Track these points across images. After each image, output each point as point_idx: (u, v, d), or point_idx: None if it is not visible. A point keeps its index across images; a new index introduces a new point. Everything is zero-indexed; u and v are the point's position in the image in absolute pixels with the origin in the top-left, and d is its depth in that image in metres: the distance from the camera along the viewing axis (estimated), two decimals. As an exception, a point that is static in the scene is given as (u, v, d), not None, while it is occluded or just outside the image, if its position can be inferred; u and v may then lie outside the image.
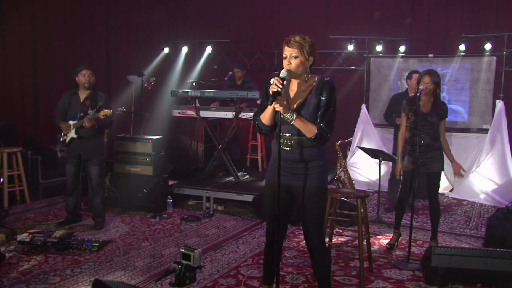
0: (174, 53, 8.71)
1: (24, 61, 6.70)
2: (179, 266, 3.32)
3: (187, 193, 5.70)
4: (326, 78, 2.69)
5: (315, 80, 2.68)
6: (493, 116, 6.45)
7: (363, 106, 7.07)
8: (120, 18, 8.05)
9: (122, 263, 3.80)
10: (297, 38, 2.59)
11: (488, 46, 6.62)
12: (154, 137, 5.55)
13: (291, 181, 2.69)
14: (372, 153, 5.20)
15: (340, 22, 7.86)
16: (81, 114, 4.56)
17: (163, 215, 5.14)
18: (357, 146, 6.31)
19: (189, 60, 8.77)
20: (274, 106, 2.51)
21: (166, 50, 8.59)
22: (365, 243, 3.71)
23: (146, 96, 6.90)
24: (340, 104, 7.95)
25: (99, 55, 7.67)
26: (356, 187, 5.53)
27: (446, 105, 4.15)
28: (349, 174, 5.37)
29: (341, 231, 4.73)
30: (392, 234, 4.40)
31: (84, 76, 4.61)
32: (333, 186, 5.27)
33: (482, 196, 6.17)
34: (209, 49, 8.49)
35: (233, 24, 8.73)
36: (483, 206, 5.96)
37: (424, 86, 3.98)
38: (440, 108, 4.08)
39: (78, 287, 3.31)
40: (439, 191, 4.29)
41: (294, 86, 2.72)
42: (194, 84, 6.33)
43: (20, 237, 3.97)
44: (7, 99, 6.53)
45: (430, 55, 7.06)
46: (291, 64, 2.59)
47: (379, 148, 5.93)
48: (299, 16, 8.05)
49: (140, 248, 4.17)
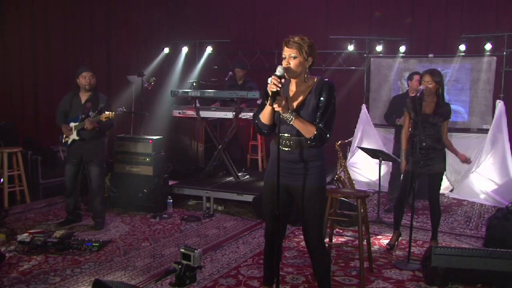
0: (174, 53, 8.71)
1: (24, 61, 6.69)
2: (179, 266, 3.32)
3: (187, 193, 5.70)
4: (325, 79, 2.69)
5: (315, 81, 2.69)
6: (493, 116, 6.45)
7: (363, 106, 7.08)
8: (120, 18, 8.05)
9: (122, 263, 3.80)
10: (296, 39, 2.59)
11: (488, 46, 6.62)
12: (154, 137, 5.55)
13: (290, 182, 2.69)
14: (372, 153, 5.20)
15: (340, 22, 7.86)
16: (83, 116, 4.56)
17: (163, 215, 5.15)
18: (357, 146, 6.31)
19: (189, 60, 8.77)
20: (274, 107, 2.51)
21: (166, 50, 8.60)
22: (365, 243, 3.70)
23: (146, 96, 6.90)
24: (340, 104, 7.95)
25: (99, 55, 7.67)
26: (356, 187, 5.53)
27: (449, 106, 4.10)
28: (349, 174, 5.36)
29: (341, 231, 4.73)
30: (392, 234, 4.41)
31: (85, 78, 4.61)
32: (333, 186, 5.27)
33: (482, 196, 6.17)
34: (209, 49, 8.49)
35: (233, 24, 8.73)
36: (483, 206, 5.96)
37: (424, 86, 3.98)
38: (443, 110, 4.03)
39: (78, 287, 3.31)
40: (440, 191, 4.29)
41: (293, 86, 2.72)
42: (194, 84, 6.32)
43: (20, 237, 3.97)
44: (7, 99, 6.53)
45: (430, 55, 7.07)
46: (290, 64, 2.60)
47: (379, 148, 5.93)
48: (299, 16, 8.05)
49: (140, 248, 4.17)
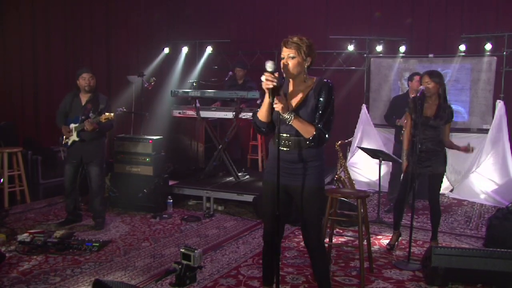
0: (174, 53, 8.71)
1: (24, 61, 6.69)
2: (180, 266, 3.32)
3: (187, 193, 5.70)
4: (324, 79, 2.69)
5: (313, 81, 2.69)
6: (493, 116, 6.45)
7: (363, 106, 7.08)
8: (120, 18, 8.05)
9: (122, 263, 3.80)
10: (294, 39, 2.59)
11: (488, 46, 6.61)
12: (155, 137, 5.55)
13: (289, 182, 2.69)
14: (372, 153, 5.20)
15: (340, 22, 7.86)
16: (83, 118, 4.56)
17: (163, 215, 5.15)
18: (357, 146, 6.31)
19: (189, 60, 8.77)
20: (274, 106, 2.51)
21: (166, 50, 8.60)
22: (365, 243, 3.70)
23: (147, 96, 6.90)
24: (340, 104, 7.95)
25: (99, 55, 7.67)
26: (356, 187, 5.53)
27: (451, 108, 4.06)
28: (349, 174, 5.36)
29: (341, 231, 4.73)
30: (392, 235, 4.40)
31: (84, 80, 4.61)
32: (333, 186, 5.27)
33: (483, 196, 6.17)
34: (209, 49, 8.49)
35: (233, 24, 8.73)
36: (483, 206, 5.96)
37: (424, 86, 3.98)
38: (445, 113, 3.99)
39: (79, 287, 3.31)
40: (440, 191, 4.28)
41: (292, 86, 2.72)
42: (194, 84, 6.33)
43: (20, 237, 3.97)
44: (7, 99, 6.53)
45: (430, 55, 7.06)
46: (288, 64, 2.59)
47: (379, 148, 5.93)
48: (299, 16, 8.05)
49: (140, 248, 4.17)
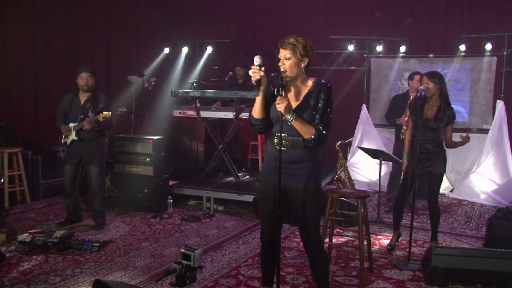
0: (174, 53, 8.71)
1: (24, 61, 6.69)
2: (180, 266, 3.32)
3: (187, 193, 5.70)
4: (323, 80, 2.68)
5: (312, 82, 2.68)
6: (493, 117, 6.45)
7: (364, 106, 7.08)
8: (120, 18, 8.05)
9: (122, 263, 3.80)
10: (290, 40, 2.58)
11: (488, 46, 6.61)
12: (155, 137, 5.55)
13: (285, 181, 2.67)
14: (372, 153, 5.20)
15: (340, 22, 7.86)
16: (81, 117, 4.56)
17: (164, 215, 5.15)
18: (357, 146, 6.31)
19: (189, 60, 8.77)
20: (277, 107, 2.51)
21: (166, 50, 8.60)
22: (366, 243, 3.70)
23: (147, 96, 6.90)
24: (340, 104, 7.93)
25: (99, 55, 7.67)
26: (357, 187, 5.53)
27: (453, 109, 4.01)
28: (349, 174, 5.36)
29: (341, 231, 4.73)
30: (392, 235, 4.40)
31: (83, 79, 4.61)
32: (333, 186, 5.27)
33: (483, 196, 6.17)
34: (209, 49, 8.49)
35: (233, 24, 8.73)
36: (483, 206, 5.96)
37: (423, 87, 3.98)
38: (446, 114, 3.96)
39: (79, 287, 3.31)
40: (440, 191, 4.27)
41: (290, 87, 2.70)
42: (194, 84, 6.33)
43: (20, 237, 3.97)
44: (7, 99, 6.53)
45: (431, 55, 7.06)
46: (285, 65, 2.59)
47: (379, 148, 5.94)
48: (299, 16, 8.05)
49: (140, 248, 4.17)
